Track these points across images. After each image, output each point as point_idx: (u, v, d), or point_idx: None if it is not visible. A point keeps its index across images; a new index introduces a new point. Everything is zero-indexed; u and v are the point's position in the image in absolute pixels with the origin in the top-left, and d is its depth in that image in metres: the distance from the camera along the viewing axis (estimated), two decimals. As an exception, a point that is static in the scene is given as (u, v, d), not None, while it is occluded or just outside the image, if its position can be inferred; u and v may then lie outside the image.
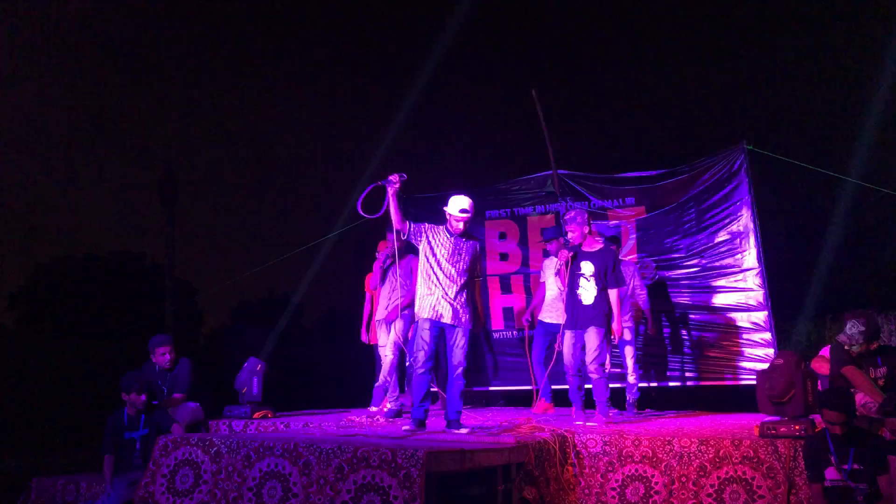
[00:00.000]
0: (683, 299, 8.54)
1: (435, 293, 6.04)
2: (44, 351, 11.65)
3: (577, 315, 6.64)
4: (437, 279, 6.05)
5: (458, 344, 6.03)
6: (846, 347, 5.55)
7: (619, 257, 7.55)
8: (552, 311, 7.71)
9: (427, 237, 6.14)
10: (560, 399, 8.36)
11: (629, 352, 7.67)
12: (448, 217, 6.17)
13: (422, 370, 6.01)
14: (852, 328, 5.53)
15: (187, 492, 5.04)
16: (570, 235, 6.84)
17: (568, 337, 6.68)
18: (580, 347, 6.63)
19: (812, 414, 5.45)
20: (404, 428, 5.96)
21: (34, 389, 10.80)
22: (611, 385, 7.12)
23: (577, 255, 6.77)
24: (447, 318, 6.00)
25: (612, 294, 6.61)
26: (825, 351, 6.51)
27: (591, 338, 6.56)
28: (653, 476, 5.55)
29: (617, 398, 7.45)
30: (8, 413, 10.23)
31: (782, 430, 5.33)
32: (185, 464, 5.16)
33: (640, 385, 7.85)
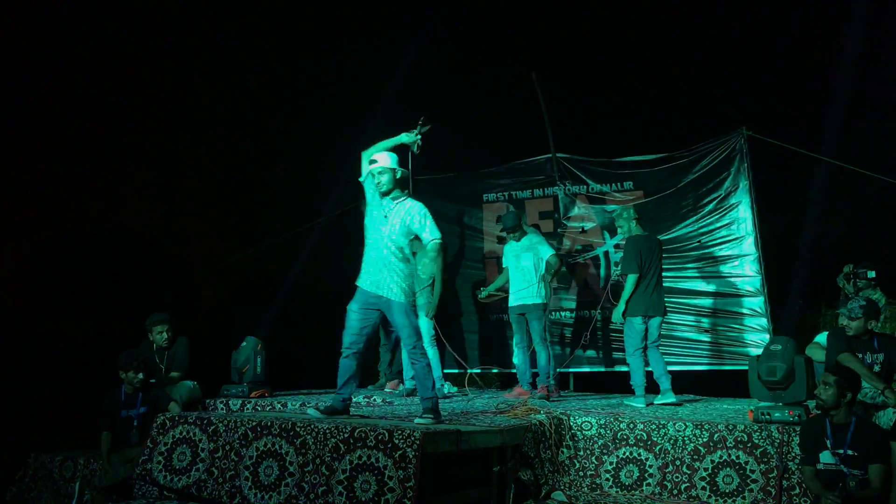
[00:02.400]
0: (680, 284, 8.56)
1: (368, 261, 5.44)
2: (42, 329, 11.66)
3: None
4: (368, 244, 5.48)
5: (397, 322, 5.39)
6: (845, 321, 5.58)
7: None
8: (517, 293, 7.73)
9: (366, 193, 5.53)
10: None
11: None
12: None
13: (344, 353, 5.43)
14: (853, 302, 5.60)
15: (185, 469, 5.08)
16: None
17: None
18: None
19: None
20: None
21: (32, 367, 10.83)
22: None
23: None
24: (375, 290, 5.36)
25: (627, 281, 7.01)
26: (820, 338, 6.55)
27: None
28: (647, 459, 5.59)
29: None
30: (6, 390, 10.26)
31: (776, 415, 5.37)
32: (182, 442, 5.19)
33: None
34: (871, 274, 7.22)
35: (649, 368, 7.06)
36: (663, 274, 7.35)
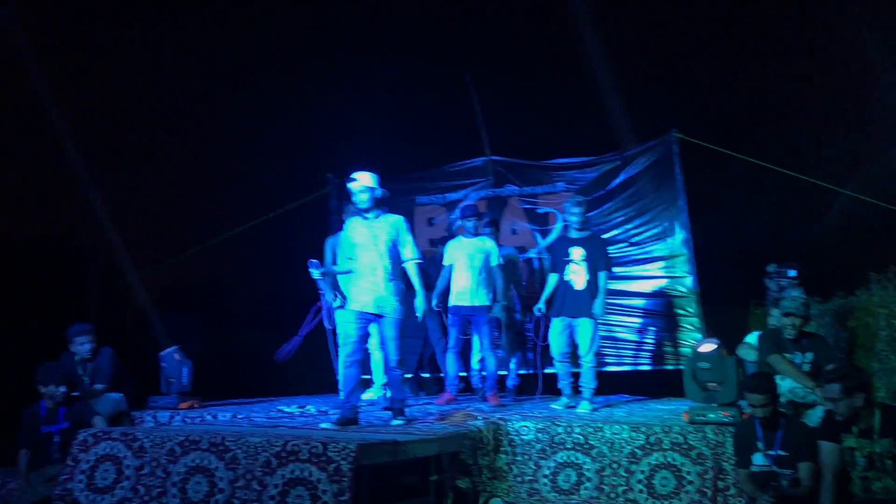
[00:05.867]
0: (613, 285, 8.59)
1: (361, 284, 5.80)
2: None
3: (567, 302, 6.83)
4: (360, 268, 5.83)
5: (389, 336, 5.78)
6: (788, 321, 5.64)
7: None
8: (465, 294, 7.27)
9: (347, 236, 5.94)
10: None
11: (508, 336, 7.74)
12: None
13: (347, 364, 5.73)
14: (794, 301, 5.69)
15: (108, 488, 4.88)
16: (575, 219, 6.95)
17: (556, 323, 6.87)
18: (568, 334, 6.84)
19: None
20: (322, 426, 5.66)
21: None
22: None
23: (565, 241, 7.01)
24: (372, 308, 5.75)
25: (602, 277, 6.82)
26: (751, 338, 6.65)
27: (586, 327, 6.78)
28: (584, 463, 5.57)
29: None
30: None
31: (711, 416, 5.42)
32: (105, 459, 4.99)
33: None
34: (793, 273, 7.38)
35: (574, 370, 6.98)
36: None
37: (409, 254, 5.89)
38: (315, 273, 5.94)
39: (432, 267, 7.81)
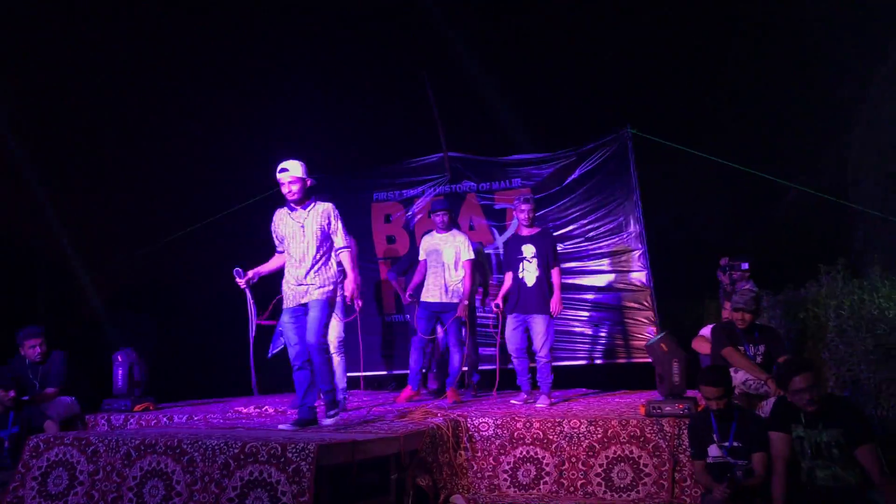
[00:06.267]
0: (568, 280, 8.67)
1: (289, 279, 5.57)
2: None
3: (521, 299, 6.88)
4: (289, 261, 5.59)
5: (312, 316, 5.43)
6: (739, 314, 5.74)
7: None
8: (435, 290, 7.27)
9: (274, 229, 5.71)
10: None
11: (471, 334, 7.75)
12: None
13: (297, 366, 5.52)
14: (743, 295, 5.80)
15: (61, 494, 4.77)
16: (522, 216, 7.01)
17: (510, 321, 6.92)
18: (523, 330, 6.89)
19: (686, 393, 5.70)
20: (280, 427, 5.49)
21: None
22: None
23: (517, 239, 7.05)
24: (302, 299, 5.51)
25: (554, 273, 6.89)
26: (705, 330, 6.75)
27: (538, 323, 6.81)
28: (543, 457, 5.62)
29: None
30: None
31: (667, 409, 5.50)
32: (58, 465, 4.87)
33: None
34: (745, 266, 7.54)
35: (533, 365, 7.02)
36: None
37: (338, 242, 5.63)
38: (242, 283, 5.61)
39: (415, 265, 7.81)
